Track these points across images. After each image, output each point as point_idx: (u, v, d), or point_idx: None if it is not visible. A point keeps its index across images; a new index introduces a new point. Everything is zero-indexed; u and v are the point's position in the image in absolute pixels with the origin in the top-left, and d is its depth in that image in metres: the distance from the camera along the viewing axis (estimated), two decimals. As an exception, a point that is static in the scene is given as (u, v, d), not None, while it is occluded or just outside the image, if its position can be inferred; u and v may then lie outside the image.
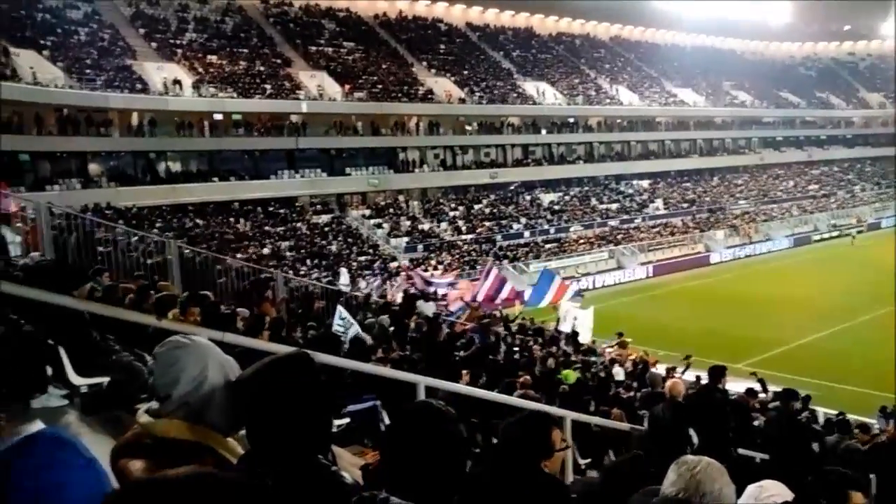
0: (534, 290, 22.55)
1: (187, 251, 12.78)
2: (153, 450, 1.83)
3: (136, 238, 12.21)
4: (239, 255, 25.20)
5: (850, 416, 11.43)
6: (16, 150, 28.86)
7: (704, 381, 11.10)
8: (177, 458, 1.77)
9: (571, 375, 10.56)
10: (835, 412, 12.71)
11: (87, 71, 32.54)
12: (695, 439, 4.19)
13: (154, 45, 38.11)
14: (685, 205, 51.73)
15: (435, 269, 34.95)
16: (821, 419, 12.67)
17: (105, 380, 4.49)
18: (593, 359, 14.81)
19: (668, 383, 8.43)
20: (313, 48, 44.60)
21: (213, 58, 38.98)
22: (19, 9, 33.88)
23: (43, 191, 26.39)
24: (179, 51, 38.31)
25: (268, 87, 38.35)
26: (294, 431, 1.66)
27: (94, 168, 32.44)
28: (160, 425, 1.85)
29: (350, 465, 2.38)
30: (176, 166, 35.46)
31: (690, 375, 15.85)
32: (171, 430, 1.82)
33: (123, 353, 4.76)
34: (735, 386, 11.50)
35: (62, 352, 4.43)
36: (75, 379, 4.40)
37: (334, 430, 4.56)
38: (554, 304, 21.42)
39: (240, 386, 1.78)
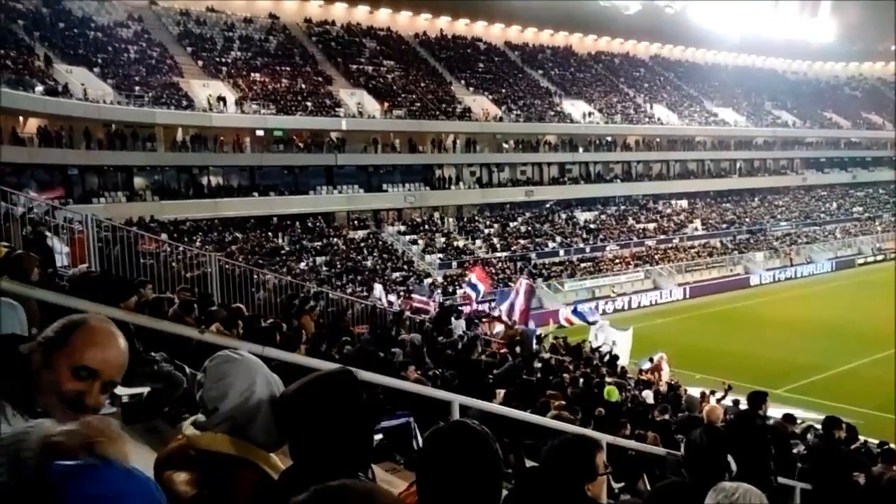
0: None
1: (227, 265, 13.01)
2: (196, 462, 1.87)
3: (178, 251, 12.48)
4: (277, 270, 25.52)
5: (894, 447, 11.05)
6: (65, 164, 29.82)
7: (743, 405, 10.88)
8: (220, 472, 1.82)
9: (614, 392, 10.41)
10: (876, 441, 12.31)
11: (136, 88, 33.52)
12: (733, 466, 4.08)
13: (200, 62, 39.10)
14: (724, 225, 50.94)
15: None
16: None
17: (145, 389, 4.59)
18: (628, 381, 14.62)
19: (706, 408, 8.31)
20: (354, 66, 45.26)
21: (256, 75, 39.83)
22: (73, 28, 35.14)
23: (90, 203, 27.13)
24: (224, 68, 39.23)
25: (309, 104, 38.99)
26: (336, 448, 1.69)
27: (139, 182, 33.31)
28: (205, 438, 1.89)
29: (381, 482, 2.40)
30: (218, 181, 36.18)
31: (728, 400, 15.57)
32: (216, 444, 1.86)
33: (164, 363, 4.87)
34: (774, 412, 11.23)
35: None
36: (117, 388, 4.50)
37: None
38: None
39: (284, 402, 1.82)
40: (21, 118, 29.04)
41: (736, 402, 14.70)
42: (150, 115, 32.30)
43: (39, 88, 28.25)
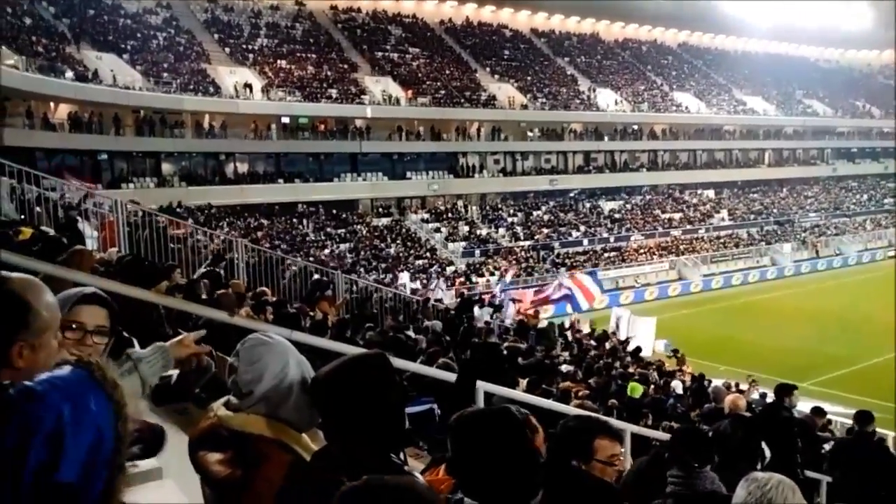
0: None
1: (252, 251, 13.13)
2: (229, 442, 1.90)
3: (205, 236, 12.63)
4: (301, 256, 25.72)
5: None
6: (95, 150, 30.26)
7: (769, 398, 10.75)
8: (253, 452, 1.85)
9: (638, 389, 10.37)
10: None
11: (164, 74, 33.81)
12: (767, 453, 4.03)
13: (227, 49, 39.33)
14: (752, 216, 50.21)
15: (492, 274, 34.92)
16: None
17: (175, 372, 4.65)
18: (652, 372, 14.53)
19: (729, 398, 8.23)
20: (379, 54, 45.22)
21: (282, 62, 39.98)
22: (103, 14, 35.54)
23: (119, 189, 27.52)
24: (251, 55, 39.43)
25: (334, 91, 39.06)
26: (370, 430, 1.71)
27: (167, 168, 33.67)
28: (238, 419, 1.92)
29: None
30: (244, 167, 36.45)
31: (754, 393, 15.41)
32: (249, 425, 1.89)
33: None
34: (803, 406, 11.09)
35: (136, 344, 4.61)
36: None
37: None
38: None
39: (318, 384, 1.85)
40: (52, 104, 29.48)
41: (763, 396, 14.55)
42: (177, 102, 32.58)
43: (70, 74, 28.64)
